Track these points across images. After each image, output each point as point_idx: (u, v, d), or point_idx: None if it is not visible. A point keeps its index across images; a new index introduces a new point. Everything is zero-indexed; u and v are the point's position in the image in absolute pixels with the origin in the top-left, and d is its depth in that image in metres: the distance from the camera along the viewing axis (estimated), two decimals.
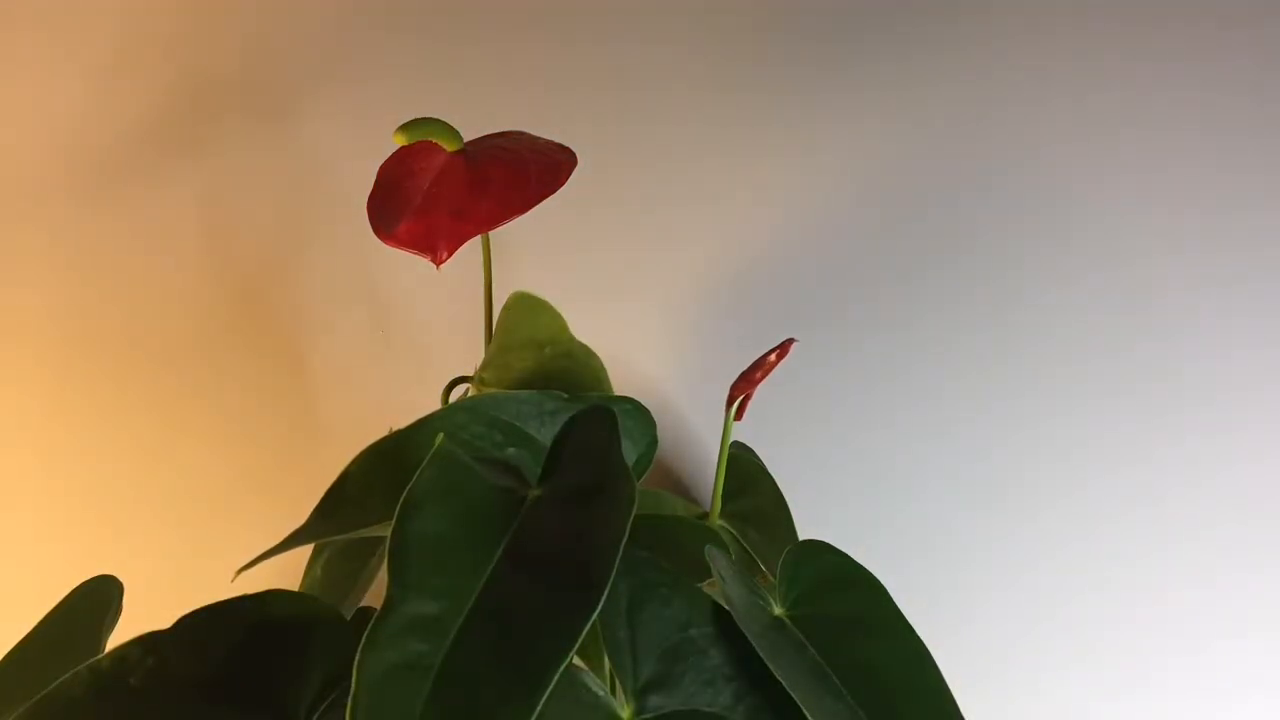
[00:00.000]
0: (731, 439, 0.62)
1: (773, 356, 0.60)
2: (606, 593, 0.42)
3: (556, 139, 0.64)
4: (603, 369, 0.59)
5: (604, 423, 0.49)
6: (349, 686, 0.40)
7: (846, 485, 0.82)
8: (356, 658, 0.40)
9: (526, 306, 0.61)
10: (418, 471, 0.44)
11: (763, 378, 0.60)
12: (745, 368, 0.62)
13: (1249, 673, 0.77)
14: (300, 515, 0.52)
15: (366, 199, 0.64)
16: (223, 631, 0.44)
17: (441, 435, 0.46)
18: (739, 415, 0.61)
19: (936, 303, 0.85)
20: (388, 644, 0.40)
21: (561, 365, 0.59)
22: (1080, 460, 0.80)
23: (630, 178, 0.89)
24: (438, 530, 0.43)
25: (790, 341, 0.61)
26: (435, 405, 0.65)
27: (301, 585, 0.62)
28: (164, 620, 0.48)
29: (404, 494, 0.43)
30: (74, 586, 0.58)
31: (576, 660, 0.58)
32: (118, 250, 0.97)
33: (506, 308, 0.62)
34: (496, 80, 0.93)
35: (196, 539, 0.91)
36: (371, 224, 0.62)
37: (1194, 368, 0.82)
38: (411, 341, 0.91)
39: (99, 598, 0.56)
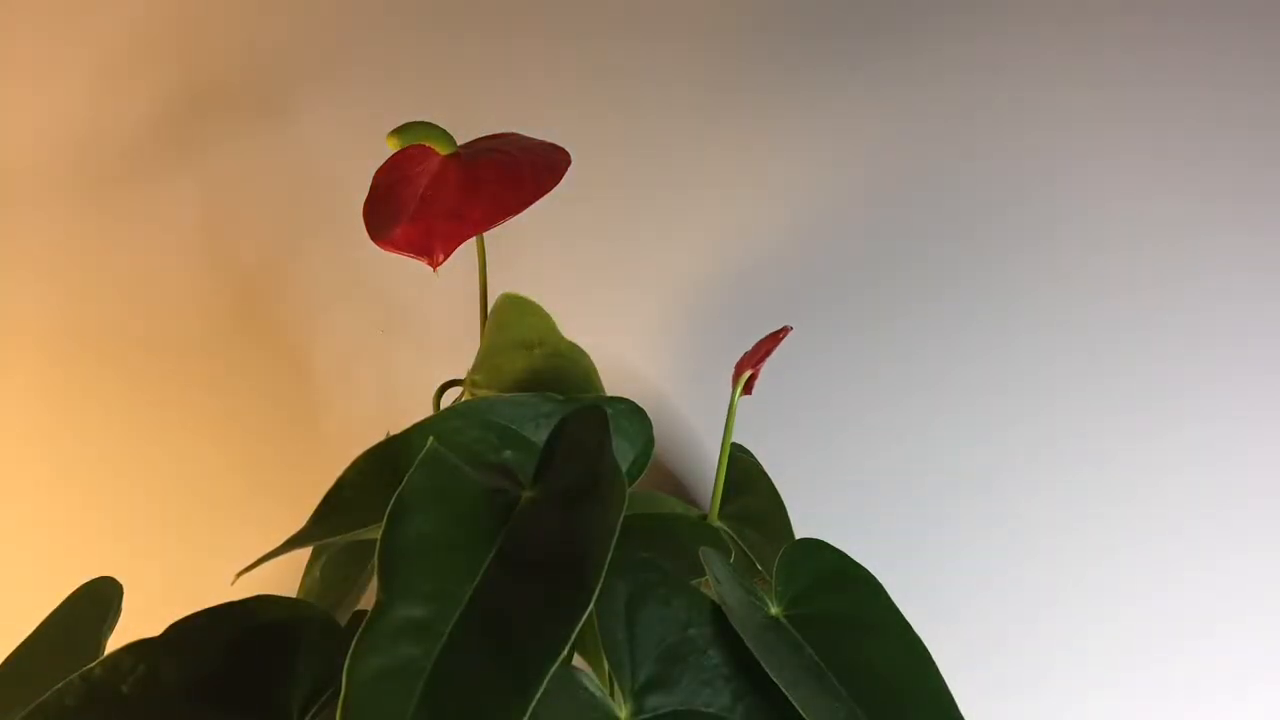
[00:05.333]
0: (729, 439, 0.62)
1: (774, 336, 0.59)
2: (597, 592, 0.42)
3: (552, 138, 0.64)
4: (593, 368, 0.59)
5: (596, 422, 0.49)
6: (340, 690, 0.40)
7: (843, 484, 0.82)
8: (347, 662, 0.40)
9: (515, 307, 0.61)
10: (407, 475, 0.44)
11: (765, 356, 0.59)
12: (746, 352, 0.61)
13: (1240, 664, 0.77)
14: (299, 515, 0.52)
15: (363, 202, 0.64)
16: (214, 637, 0.45)
17: (431, 439, 0.46)
18: (747, 389, 0.61)
19: (931, 298, 0.85)
20: (378, 648, 0.41)
21: (552, 365, 0.59)
22: (1071, 455, 0.80)
23: (625, 177, 0.89)
24: (427, 533, 0.44)
25: (787, 329, 0.60)
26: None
27: (300, 587, 0.62)
28: (164, 621, 0.48)
29: (393, 498, 0.43)
30: (74, 588, 0.58)
31: (576, 660, 0.58)
32: (119, 251, 0.98)
33: (495, 309, 0.62)
34: (494, 78, 0.93)
35: (196, 540, 0.92)
36: (368, 230, 0.62)
37: (1184, 361, 0.81)
38: (410, 343, 0.92)
39: (99, 599, 0.56)
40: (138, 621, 0.53)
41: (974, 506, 0.81)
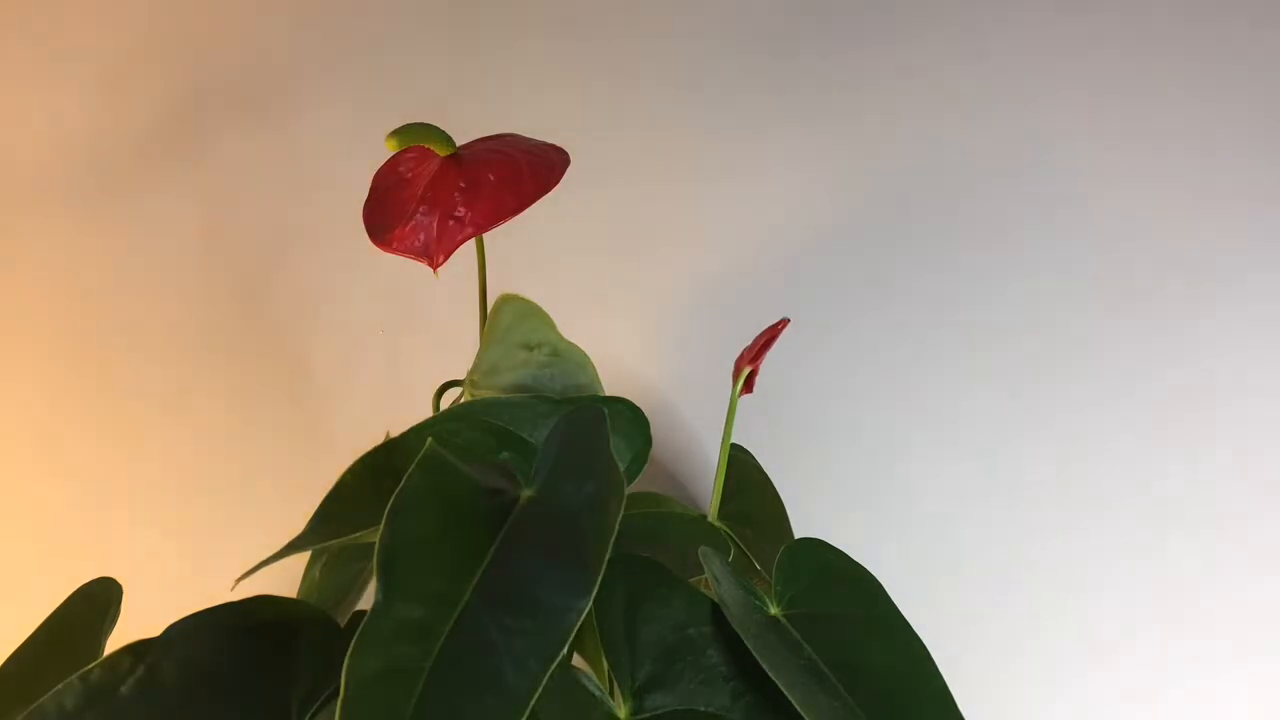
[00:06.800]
0: (729, 438, 0.62)
1: (772, 329, 0.59)
2: (595, 591, 0.42)
3: (551, 138, 0.64)
4: (593, 368, 0.59)
5: (594, 422, 0.49)
6: (339, 689, 0.40)
7: (844, 484, 0.82)
8: (346, 661, 0.40)
9: (514, 308, 0.61)
10: (405, 476, 0.44)
11: (765, 350, 0.59)
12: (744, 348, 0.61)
13: (1240, 664, 0.77)
14: (299, 515, 0.52)
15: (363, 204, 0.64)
16: (214, 637, 0.44)
17: (430, 439, 0.46)
18: (748, 387, 0.61)
19: (931, 301, 0.85)
20: (376, 648, 0.40)
21: (551, 366, 0.59)
22: (1072, 456, 0.80)
23: (624, 178, 0.89)
24: (425, 533, 0.43)
25: (785, 321, 0.60)
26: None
27: (300, 588, 0.62)
28: (164, 621, 0.48)
29: (392, 498, 0.43)
30: (74, 588, 0.58)
31: (575, 660, 0.58)
32: (119, 251, 0.98)
33: (494, 310, 0.62)
34: (494, 78, 0.93)
35: (196, 540, 0.92)
36: (367, 232, 0.62)
37: (1192, 362, 0.81)
38: (410, 343, 0.92)
39: (98, 600, 0.56)
40: (138, 621, 0.53)
41: (974, 506, 0.81)
